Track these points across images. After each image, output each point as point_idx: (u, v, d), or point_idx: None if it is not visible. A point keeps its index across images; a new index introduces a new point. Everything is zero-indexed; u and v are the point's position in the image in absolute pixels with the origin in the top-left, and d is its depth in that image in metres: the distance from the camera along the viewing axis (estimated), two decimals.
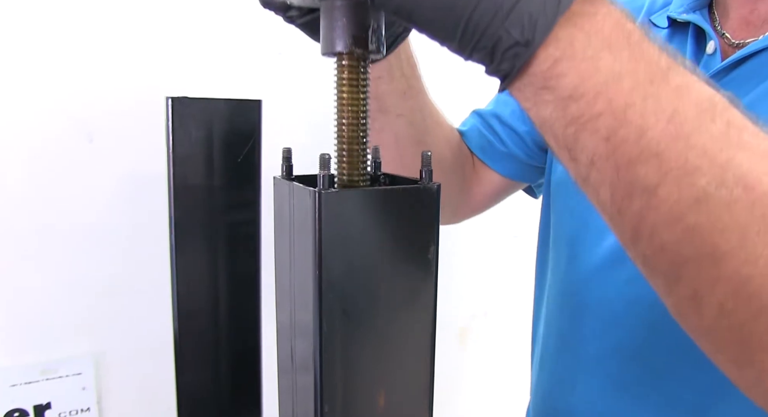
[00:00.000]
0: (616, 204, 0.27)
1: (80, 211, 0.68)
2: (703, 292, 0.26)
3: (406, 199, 0.36)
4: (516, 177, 0.68)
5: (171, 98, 0.51)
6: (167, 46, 0.70)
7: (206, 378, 0.58)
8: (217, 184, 0.54)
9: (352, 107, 0.37)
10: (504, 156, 0.66)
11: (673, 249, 0.26)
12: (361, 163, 0.38)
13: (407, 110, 0.56)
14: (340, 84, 0.37)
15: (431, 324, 0.38)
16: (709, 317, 0.26)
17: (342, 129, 0.37)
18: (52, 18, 0.65)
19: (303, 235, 0.35)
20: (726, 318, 0.25)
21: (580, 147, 0.27)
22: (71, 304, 0.69)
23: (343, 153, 0.38)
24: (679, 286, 0.26)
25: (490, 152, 0.66)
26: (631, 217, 0.27)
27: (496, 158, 0.66)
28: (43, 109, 0.65)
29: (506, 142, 0.65)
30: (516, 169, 0.67)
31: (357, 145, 0.37)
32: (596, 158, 0.27)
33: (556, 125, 0.28)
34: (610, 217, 0.28)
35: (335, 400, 0.35)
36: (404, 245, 0.36)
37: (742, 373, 0.27)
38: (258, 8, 0.79)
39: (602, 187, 0.28)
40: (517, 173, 0.67)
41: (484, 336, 1.08)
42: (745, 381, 0.27)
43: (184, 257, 0.54)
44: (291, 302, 0.39)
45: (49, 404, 0.69)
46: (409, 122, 0.57)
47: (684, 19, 0.50)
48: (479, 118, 0.67)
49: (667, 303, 0.29)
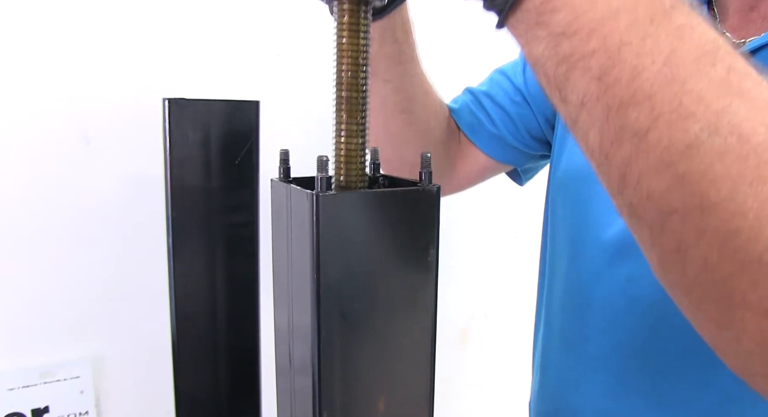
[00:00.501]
0: (604, 149, 0.26)
1: (77, 213, 0.68)
2: (688, 244, 0.24)
3: (406, 201, 0.35)
4: (502, 159, 0.67)
5: (168, 100, 0.51)
6: (164, 47, 0.70)
7: (205, 381, 0.57)
8: (214, 185, 0.54)
9: (351, 54, 0.35)
10: (492, 136, 0.65)
11: (660, 198, 0.25)
12: (361, 107, 0.36)
13: (396, 76, 0.55)
14: (340, 29, 0.35)
15: (431, 327, 0.37)
16: (692, 272, 0.25)
17: (341, 75, 0.36)
18: (49, 20, 0.64)
19: (301, 237, 0.35)
20: (709, 272, 0.24)
21: (571, 87, 0.26)
22: (69, 307, 0.69)
23: (342, 100, 0.36)
24: (664, 238, 0.25)
25: (479, 131, 0.65)
26: (619, 163, 0.26)
27: (484, 138, 0.65)
28: (40, 111, 0.65)
29: (496, 123, 0.64)
30: (503, 150, 0.66)
31: (357, 92, 0.36)
32: (587, 99, 0.26)
33: (548, 64, 0.27)
34: (598, 164, 0.27)
35: (334, 404, 0.35)
36: (404, 248, 0.36)
37: (721, 334, 0.26)
38: (256, 9, 0.78)
39: (591, 131, 0.26)
40: (503, 155, 0.66)
41: (485, 337, 1.07)
42: (724, 342, 0.26)
43: (182, 259, 0.54)
44: (289, 305, 0.39)
45: (47, 408, 0.68)
46: (396, 88, 0.56)
47: None
48: (471, 96, 0.66)
49: (651, 257, 0.27)
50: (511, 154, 0.66)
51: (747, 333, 0.24)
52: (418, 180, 0.37)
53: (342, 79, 0.36)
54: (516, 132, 0.64)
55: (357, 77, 0.36)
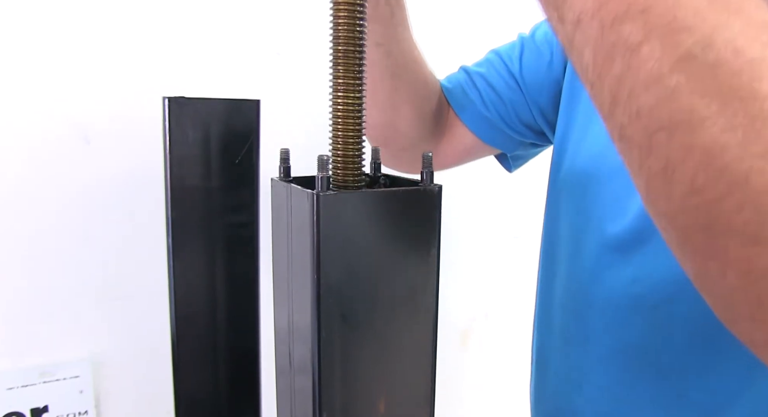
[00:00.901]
0: (597, 67, 0.26)
1: (77, 212, 0.68)
2: (675, 163, 0.24)
3: (407, 201, 0.35)
4: (489, 140, 0.66)
5: (168, 98, 0.50)
6: (164, 46, 0.70)
7: (204, 381, 0.57)
8: (214, 185, 0.53)
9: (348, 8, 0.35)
10: (481, 117, 0.64)
11: (648, 114, 0.25)
12: (357, 62, 0.36)
13: (387, 40, 0.54)
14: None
15: (432, 327, 0.37)
16: (678, 195, 0.25)
17: (338, 29, 0.36)
18: (48, 19, 0.64)
19: (301, 237, 0.35)
20: (696, 196, 0.24)
21: (568, 5, 0.27)
22: (68, 306, 0.69)
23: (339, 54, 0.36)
24: (651, 158, 0.25)
25: (469, 110, 0.64)
26: (611, 81, 0.26)
27: (473, 117, 0.64)
28: (39, 111, 0.65)
29: (487, 104, 0.63)
30: (491, 132, 0.65)
31: (354, 47, 0.36)
32: (582, 16, 0.26)
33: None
34: (591, 84, 0.27)
35: (334, 405, 0.35)
36: (405, 248, 0.35)
37: (706, 267, 0.25)
38: (256, 8, 0.78)
39: (586, 49, 0.27)
40: (491, 137, 0.65)
41: (485, 338, 1.07)
42: (709, 279, 0.26)
43: (182, 259, 0.54)
44: (289, 305, 0.39)
45: (46, 407, 0.68)
46: (386, 52, 0.55)
47: None
48: (465, 75, 0.65)
49: (639, 184, 0.27)
50: (499, 137, 0.65)
51: (730, 263, 0.24)
52: (419, 180, 0.37)
53: (339, 33, 0.36)
54: (507, 116, 0.63)
55: (353, 31, 0.35)
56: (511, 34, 0.66)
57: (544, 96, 0.62)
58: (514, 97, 0.63)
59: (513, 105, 0.63)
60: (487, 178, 1.00)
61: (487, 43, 0.68)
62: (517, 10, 0.95)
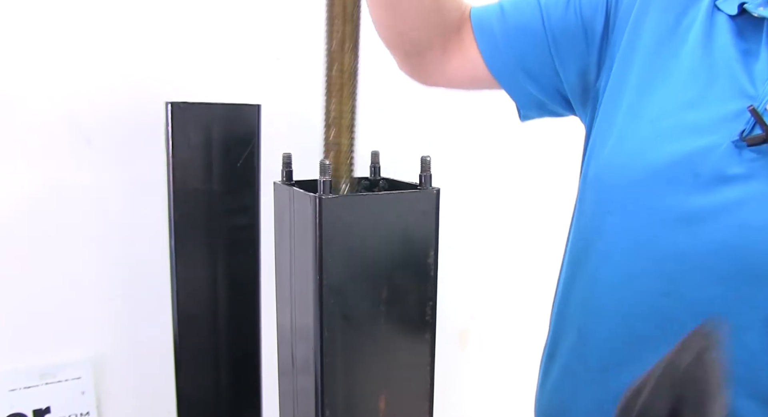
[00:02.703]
0: None
1: (79, 214, 0.68)
2: None
3: (406, 203, 0.36)
4: (498, 74, 0.62)
5: (170, 103, 0.51)
6: (166, 50, 0.70)
7: (206, 382, 0.58)
8: (216, 188, 0.54)
9: None
10: (500, 53, 0.60)
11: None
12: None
13: None
14: None
15: (431, 328, 0.38)
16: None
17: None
18: (51, 22, 0.65)
19: (303, 239, 0.36)
20: None
21: None
22: (70, 308, 0.69)
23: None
24: None
25: (488, 36, 0.60)
26: None
27: (490, 45, 0.60)
28: (41, 113, 0.65)
29: (510, 40, 0.59)
30: (503, 66, 0.61)
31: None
32: None
33: None
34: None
35: (336, 403, 0.35)
36: (404, 249, 0.36)
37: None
38: (256, 14, 0.78)
39: None
40: (501, 71, 0.61)
41: (484, 338, 1.08)
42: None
43: (184, 261, 0.54)
44: (291, 306, 0.40)
45: (48, 408, 0.69)
46: None
47: (761, 14, 0.45)
48: (501, 13, 0.61)
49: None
50: (509, 75, 0.61)
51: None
52: (418, 183, 0.38)
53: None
54: (527, 60, 0.59)
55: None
56: None
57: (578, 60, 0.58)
58: (542, 46, 0.58)
59: (538, 53, 0.59)
60: (486, 180, 1.01)
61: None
62: None
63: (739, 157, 0.43)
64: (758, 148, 0.42)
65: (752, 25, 0.47)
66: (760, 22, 0.46)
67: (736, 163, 0.43)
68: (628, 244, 0.49)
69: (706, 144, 0.45)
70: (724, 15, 0.49)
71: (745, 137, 0.43)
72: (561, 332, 0.59)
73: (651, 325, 0.48)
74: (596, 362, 0.53)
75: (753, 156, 0.43)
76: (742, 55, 0.46)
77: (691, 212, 0.45)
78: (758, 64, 0.45)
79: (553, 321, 0.61)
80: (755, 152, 0.43)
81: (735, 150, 0.44)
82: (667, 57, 0.51)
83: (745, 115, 0.44)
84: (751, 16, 0.47)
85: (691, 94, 0.48)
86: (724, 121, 0.45)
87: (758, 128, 0.42)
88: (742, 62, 0.46)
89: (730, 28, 0.48)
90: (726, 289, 0.43)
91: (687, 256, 0.45)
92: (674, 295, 0.46)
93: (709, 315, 0.44)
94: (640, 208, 0.49)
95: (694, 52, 0.50)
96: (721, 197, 0.44)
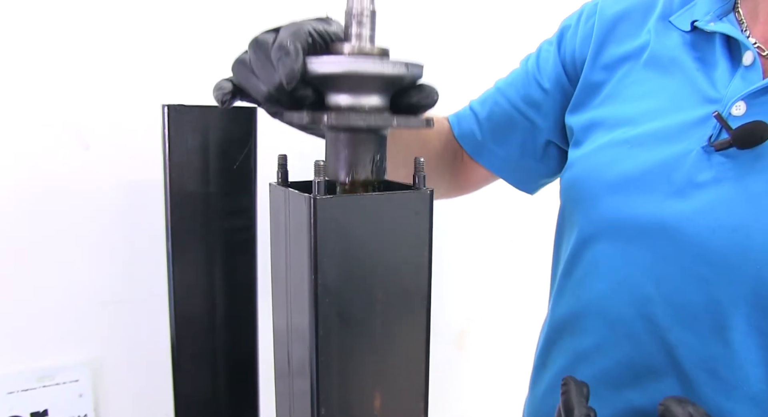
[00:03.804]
0: None
1: (76, 217, 0.69)
2: None
3: (400, 204, 0.36)
4: (511, 180, 0.68)
5: (167, 106, 0.51)
6: (163, 53, 0.71)
7: (203, 384, 0.58)
8: (213, 190, 0.54)
9: None
10: (501, 159, 0.66)
11: None
12: None
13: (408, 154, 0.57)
14: None
15: (425, 327, 0.38)
16: None
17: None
18: (48, 25, 0.65)
19: (298, 240, 0.36)
20: None
21: None
22: (68, 311, 0.70)
23: None
24: None
25: (485, 154, 0.66)
26: None
27: (491, 160, 0.66)
28: (39, 117, 0.66)
29: (504, 146, 0.65)
30: (514, 172, 0.67)
31: None
32: None
33: None
34: None
35: (332, 403, 0.36)
36: (399, 249, 0.36)
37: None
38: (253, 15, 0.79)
39: None
40: (515, 177, 0.68)
41: (481, 339, 1.08)
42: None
43: (181, 264, 0.55)
44: (287, 307, 0.40)
45: (46, 411, 0.69)
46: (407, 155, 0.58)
47: (712, 29, 0.48)
48: (474, 117, 0.66)
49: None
50: (519, 174, 0.68)
51: None
52: (412, 183, 0.38)
53: None
54: (523, 150, 0.65)
55: None
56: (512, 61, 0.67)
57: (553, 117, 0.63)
58: (527, 124, 0.64)
59: (529, 133, 0.64)
60: None
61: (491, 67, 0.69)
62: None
63: (708, 162, 0.45)
64: (726, 152, 0.44)
65: (704, 39, 0.50)
66: (712, 36, 0.49)
67: (706, 168, 0.45)
68: (612, 252, 0.51)
69: (677, 151, 0.47)
70: (677, 31, 0.51)
71: (713, 142, 0.44)
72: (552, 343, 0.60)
73: (639, 331, 0.48)
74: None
75: (722, 160, 0.44)
76: (700, 64, 0.49)
77: (667, 218, 0.46)
78: (717, 72, 0.47)
79: (543, 334, 0.62)
80: (724, 156, 0.44)
81: (705, 155, 0.45)
82: (630, 77, 0.54)
83: (711, 120, 0.45)
84: (703, 32, 0.49)
85: (658, 104, 0.50)
86: (692, 128, 0.47)
87: (725, 133, 0.43)
88: (702, 71, 0.48)
89: (684, 41, 0.51)
90: (709, 291, 0.44)
91: (667, 260, 0.46)
92: (657, 300, 0.47)
93: (692, 317, 0.45)
94: (617, 215, 0.50)
95: (654, 68, 0.52)
96: (695, 202, 0.45)
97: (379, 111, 0.36)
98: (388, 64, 0.34)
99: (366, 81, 0.35)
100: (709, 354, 0.44)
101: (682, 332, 0.45)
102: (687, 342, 0.45)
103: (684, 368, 0.45)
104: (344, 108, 0.36)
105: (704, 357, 0.44)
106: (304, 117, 0.35)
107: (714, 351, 0.44)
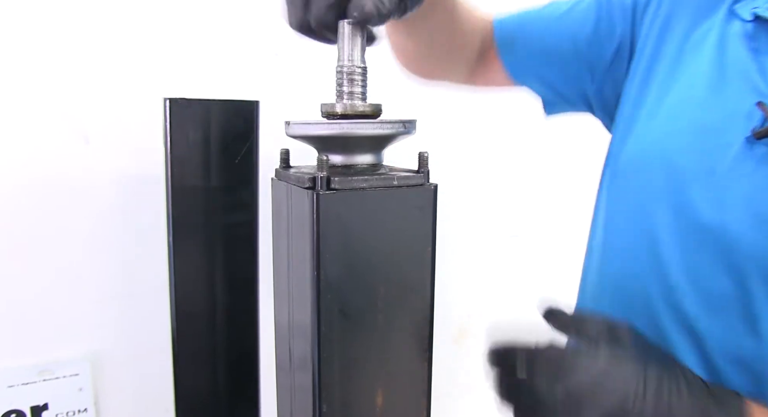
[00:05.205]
0: None
1: (77, 212, 0.68)
2: None
3: (404, 199, 0.36)
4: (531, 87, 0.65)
5: (169, 99, 0.51)
6: (164, 47, 0.70)
7: (204, 378, 0.58)
8: (214, 185, 0.54)
9: None
10: (526, 67, 0.63)
11: None
12: None
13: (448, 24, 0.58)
14: None
15: (428, 323, 0.38)
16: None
17: None
18: (48, 20, 0.65)
19: (301, 235, 0.36)
20: None
21: None
22: (69, 305, 0.69)
23: None
24: None
25: (513, 53, 0.63)
26: None
27: (515, 61, 0.64)
28: (39, 111, 0.65)
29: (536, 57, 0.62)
30: (529, 78, 0.64)
31: None
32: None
33: None
34: None
35: (333, 399, 0.35)
36: (402, 245, 0.36)
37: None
38: (254, 9, 0.78)
39: None
40: (529, 82, 0.65)
41: (482, 334, 1.08)
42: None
43: (182, 258, 0.54)
44: (289, 302, 0.40)
45: (46, 405, 0.69)
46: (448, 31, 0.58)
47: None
48: (521, 19, 0.64)
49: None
50: (537, 84, 0.64)
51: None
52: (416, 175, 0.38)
53: None
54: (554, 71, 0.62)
55: None
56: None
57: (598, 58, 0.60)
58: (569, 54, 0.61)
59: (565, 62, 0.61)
60: (485, 177, 1.01)
61: None
62: None
63: (751, 152, 0.44)
64: (767, 140, 0.44)
65: (765, 28, 0.48)
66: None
67: (748, 158, 0.45)
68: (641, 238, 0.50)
69: (720, 142, 0.47)
70: (739, 20, 0.50)
71: (755, 132, 0.44)
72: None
73: (664, 319, 0.49)
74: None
75: (764, 149, 0.44)
76: (754, 53, 0.48)
77: (708, 206, 0.46)
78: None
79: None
80: (765, 145, 0.44)
81: (747, 145, 0.45)
82: (686, 62, 0.53)
83: (757, 111, 0.45)
84: (765, 20, 0.48)
85: (706, 93, 0.50)
86: (737, 119, 0.46)
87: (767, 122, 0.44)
88: (755, 61, 0.48)
89: (744, 31, 0.50)
90: (740, 280, 0.44)
91: (706, 246, 0.46)
92: (685, 288, 0.47)
93: (726, 305, 0.45)
94: (658, 201, 0.50)
95: (709, 55, 0.52)
96: (736, 191, 0.45)
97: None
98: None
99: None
100: (737, 344, 0.44)
101: (711, 321, 0.45)
102: (714, 332, 0.45)
103: (712, 358, 0.45)
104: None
105: (732, 347, 0.44)
106: None
107: (743, 341, 0.44)
